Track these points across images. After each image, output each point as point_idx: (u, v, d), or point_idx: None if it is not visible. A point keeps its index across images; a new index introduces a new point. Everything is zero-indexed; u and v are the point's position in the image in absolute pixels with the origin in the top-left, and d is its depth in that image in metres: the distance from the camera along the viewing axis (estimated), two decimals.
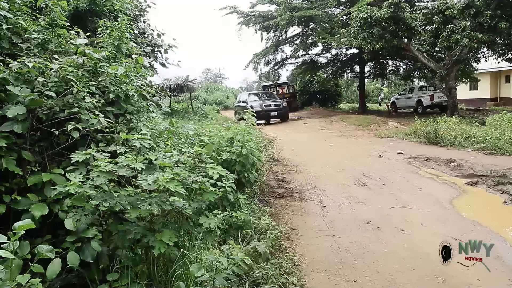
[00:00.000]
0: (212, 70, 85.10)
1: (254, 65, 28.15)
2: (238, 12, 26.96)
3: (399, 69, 27.16)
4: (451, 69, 17.53)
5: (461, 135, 10.98)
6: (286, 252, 3.99)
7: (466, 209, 5.62)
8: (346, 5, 25.62)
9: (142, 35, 9.51)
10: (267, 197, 6.02)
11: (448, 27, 15.68)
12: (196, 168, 3.58)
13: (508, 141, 9.50)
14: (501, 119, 10.86)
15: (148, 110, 4.59)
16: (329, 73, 31.09)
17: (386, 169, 8.24)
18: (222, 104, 40.30)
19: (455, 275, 3.61)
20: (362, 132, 15.49)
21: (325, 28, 23.33)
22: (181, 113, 20.94)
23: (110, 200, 2.64)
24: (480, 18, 14.89)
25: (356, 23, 17.14)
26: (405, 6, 16.40)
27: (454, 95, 18.13)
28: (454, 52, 16.93)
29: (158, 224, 2.82)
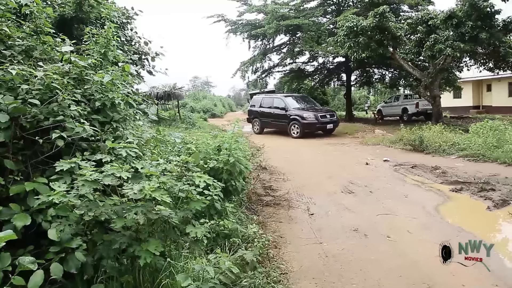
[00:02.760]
0: (199, 78, 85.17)
1: (241, 73, 28.23)
2: (226, 21, 27.07)
3: (385, 78, 27.56)
4: (435, 77, 17.87)
5: (446, 142, 11.18)
6: (273, 260, 3.98)
7: (451, 216, 5.70)
8: (332, 14, 25.98)
9: (129, 43, 9.46)
10: (255, 205, 6.00)
11: (432, 37, 16.02)
12: (183, 177, 3.55)
13: (491, 148, 9.71)
14: (483, 126, 11.09)
15: (134, 118, 4.56)
16: (316, 81, 31.33)
17: (372, 176, 8.32)
18: (209, 112, 40.16)
19: (442, 281, 3.65)
20: (349, 140, 15.63)
21: (312, 36, 23.57)
22: (168, 121, 20.76)
23: (95, 209, 2.60)
24: (462, 28, 15.28)
25: (343, 32, 17.39)
26: (390, 16, 16.72)
27: (439, 103, 18.47)
28: (438, 61, 17.29)
29: (144, 233, 2.78)
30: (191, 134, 12.22)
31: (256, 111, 19.93)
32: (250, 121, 20.54)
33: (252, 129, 19.85)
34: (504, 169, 8.35)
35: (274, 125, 18.77)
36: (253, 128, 19.99)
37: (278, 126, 18.47)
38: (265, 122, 19.22)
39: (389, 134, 15.46)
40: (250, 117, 20.60)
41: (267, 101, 19.64)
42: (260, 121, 19.48)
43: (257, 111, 19.85)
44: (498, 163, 8.96)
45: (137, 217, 2.52)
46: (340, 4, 26.41)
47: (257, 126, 19.76)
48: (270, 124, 19.05)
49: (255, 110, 20.10)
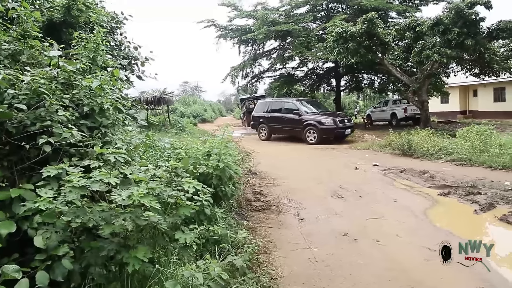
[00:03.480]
0: (189, 83, 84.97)
1: (231, 78, 28.30)
2: (216, 26, 27.15)
3: (374, 83, 27.85)
4: (423, 83, 18.13)
5: (434, 147, 11.31)
6: (263, 266, 3.97)
7: (439, 219, 5.76)
8: (322, 20, 26.21)
9: (119, 48, 9.39)
10: (245, 210, 5.99)
11: (419, 43, 16.27)
12: (172, 182, 3.53)
13: (477, 152, 9.86)
14: (470, 131, 11.26)
15: (123, 123, 4.53)
16: (306, 87, 31.53)
17: (362, 181, 8.37)
18: (199, 117, 40.11)
19: (430, 285, 3.68)
20: (338, 145, 15.72)
21: (302, 42, 23.74)
22: (158, 126, 20.65)
23: (82, 216, 2.57)
24: (449, 35, 15.55)
25: (332, 38, 17.55)
26: (378, 22, 16.93)
27: (427, 108, 18.73)
28: (425, 66, 17.54)
29: (132, 240, 2.75)
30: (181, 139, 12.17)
31: (262, 117, 18.69)
32: (254, 127, 19.44)
33: (258, 136, 18.89)
34: (490, 173, 8.48)
35: (285, 130, 17.83)
36: (259, 134, 18.89)
37: (290, 132, 17.53)
38: (274, 128, 18.20)
39: (378, 138, 15.61)
40: (255, 123, 19.30)
41: (275, 106, 18.60)
42: (268, 127, 18.38)
43: (264, 116, 18.62)
44: (484, 167, 9.09)
45: (126, 224, 2.50)
46: (329, 10, 26.68)
47: (264, 132, 18.66)
48: (280, 130, 18.07)
49: (261, 116, 18.82)
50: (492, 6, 15.62)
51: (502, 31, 16.54)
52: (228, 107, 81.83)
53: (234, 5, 26.83)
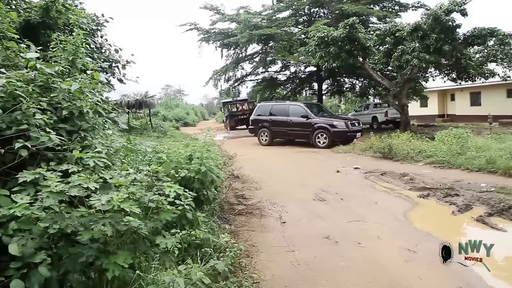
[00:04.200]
0: (172, 86, 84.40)
1: (214, 81, 28.30)
2: (199, 29, 27.11)
3: (355, 87, 28.29)
4: (403, 87, 18.49)
5: (413, 150, 11.51)
6: (246, 269, 3.96)
7: (419, 221, 5.87)
8: (304, 24, 26.48)
9: (99, 50, 9.27)
10: (227, 214, 5.97)
11: (399, 48, 16.61)
12: (153, 187, 3.50)
13: (455, 155, 10.09)
14: (448, 134, 11.53)
15: (104, 127, 4.47)
16: (288, 90, 31.76)
17: (344, 184, 8.46)
18: (182, 121, 39.86)
19: (410, 285, 3.73)
20: (321, 148, 15.84)
21: (284, 46, 23.95)
22: (140, 129, 20.40)
23: (60, 221, 2.51)
24: (427, 40, 15.93)
25: (314, 42, 17.73)
26: (359, 27, 17.20)
27: (406, 111, 19.11)
28: (405, 71, 17.91)
29: (112, 245, 2.71)
30: (163, 143, 12.07)
31: (264, 120, 17.90)
32: (253, 131, 18.70)
33: (259, 140, 18.16)
34: (467, 175, 8.69)
35: (291, 134, 17.15)
36: (260, 139, 18.12)
37: (296, 135, 16.96)
38: (278, 131, 17.48)
39: (359, 142, 15.79)
40: (254, 127, 18.46)
41: (279, 109, 17.87)
42: (271, 131, 17.60)
43: (265, 120, 17.82)
44: (461, 169, 9.31)
45: (105, 229, 2.46)
46: (311, 15, 26.99)
47: (266, 137, 17.88)
48: (285, 133, 17.34)
49: (262, 119, 18.03)
50: (467, 14, 16.09)
51: (477, 38, 17.07)
52: (210, 110, 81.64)
53: (216, 8, 26.86)
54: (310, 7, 26.35)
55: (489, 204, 6.17)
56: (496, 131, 15.30)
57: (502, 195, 6.74)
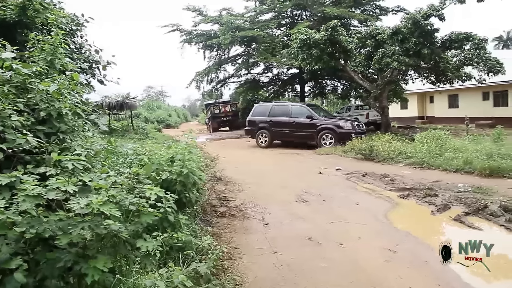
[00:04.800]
0: (154, 88, 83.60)
1: (196, 83, 28.16)
2: (181, 30, 26.96)
3: (337, 89, 28.60)
4: (383, 89, 18.78)
5: (394, 151, 11.69)
6: (228, 272, 3.95)
7: (399, 221, 5.97)
8: (286, 27, 26.66)
9: (79, 51, 9.10)
10: (209, 216, 5.95)
11: (380, 51, 16.87)
12: (134, 189, 3.46)
13: (434, 156, 10.31)
14: (427, 136, 11.77)
15: (83, 129, 4.39)
16: (271, 92, 31.90)
17: (325, 185, 8.53)
18: (164, 122, 39.51)
19: (390, 285, 3.79)
20: (303, 150, 15.93)
21: (266, 48, 24.04)
22: (121, 131, 20.10)
23: (37, 226, 2.45)
24: (407, 44, 16.23)
25: (296, 44, 17.84)
26: (341, 30, 17.39)
27: (387, 113, 19.41)
28: (385, 74, 18.20)
29: (92, 249, 2.66)
30: (144, 145, 11.93)
31: (263, 121, 17.37)
32: (250, 133, 18.08)
33: (257, 143, 17.59)
34: (445, 176, 8.89)
35: (294, 135, 16.68)
36: (258, 141, 17.54)
37: (299, 137, 16.51)
38: (279, 133, 17.03)
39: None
40: (252, 128, 17.80)
41: (280, 110, 17.42)
42: (271, 132, 17.12)
43: (265, 120, 17.30)
44: (440, 170, 9.51)
45: (84, 233, 2.41)
46: (294, 17, 27.18)
47: (265, 139, 17.34)
48: (287, 135, 16.86)
49: (260, 120, 17.49)
50: (444, 18, 16.50)
51: (454, 42, 17.50)
52: (193, 112, 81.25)
53: (199, 10, 26.78)
54: (293, 10, 26.55)
55: (466, 204, 6.33)
56: (472, 133, 15.70)
57: (478, 194, 6.93)
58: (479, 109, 24.92)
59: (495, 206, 6.02)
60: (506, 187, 7.42)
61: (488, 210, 5.91)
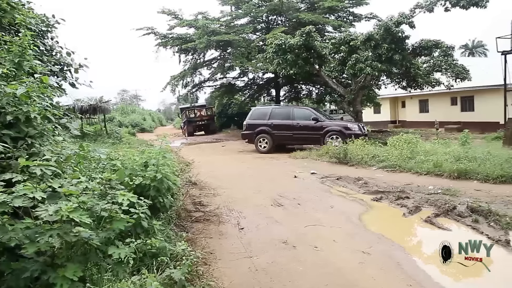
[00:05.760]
0: (128, 91, 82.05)
1: (171, 87, 27.79)
2: (156, 34, 26.61)
3: (312, 94, 28.88)
4: (357, 94, 19.15)
5: (367, 154, 11.90)
6: (203, 277, 3.90)
7: (373, 224, 6.07)
8: (262, 31, 26.77)
9: (49, 53, 8.83)
10: (184, 221, 5.88)
11: (353, 57, 17.20)
12: (107, 195, 3.38)
13: (405, 159, 10.57)
14: (399, 140, 12.06)
15: (54, 133, 4.26)
16: (247, 96, 31.93)
17: (301, 189, 8.59)
18: (138, 127, 38.87)
19: (364, 286, 3.85)
20: (278, 154, 16.01)
21: (242, 52, 24.04)
22: (94, 136, 19.63)
23: (2, 234, 2.36)
24: (379, 50, 16.62)
25: (272, 49, 17.95)
26: (315, 35, 17.63)
27: (361, 118, 19.77)
28: (359, 79, 18.56)
29: (61, 258, 2.58)
30: (118, 149, 11.69)
31: (263, 125, 16.71)
32: (248, 137, 17.39)
33: (256, 148, 16.86)
34: (416, 178, 9.13)
35: (298, 138, 16.23)
36: (258, 146, 16.78)
37: (305, 139, 16.07)
38: (282, 136, 16.40)
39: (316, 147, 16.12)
40: (251, 132, 17.08)
41: (281, 113, 17.01)
42: (272, 135, 16.50)
43: (265, 124, 16.66)
44: (411, 173, 9.77)
45: (53, 241, 2.33)
46: (269, 22, 27.35)
47: (265, 143, 16.66)
48: (291, 138, 16.31)
49: (260, 123, 16.80)
50: (415, 26, 17.05)
51: (424, 49, 18.09)
52: (168, 116, 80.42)
53: (174, 13, 26.51)
54: (268, 15, 26.71)
55: (436, 206, 6.52)
56: (442, 136, 16.25)
57: (447, 196, 7.15)
58: (448, 113, 25.79)
59: (463, 207, 6.23)
60: (472, 188, 7.70)
61: (456, 211, 6.11)
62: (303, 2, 26.18)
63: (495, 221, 5.51)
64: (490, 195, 7.11)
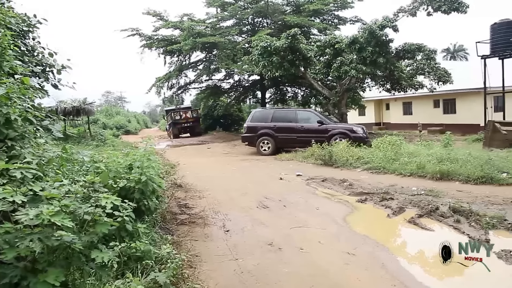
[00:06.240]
0: (112, 93, 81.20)
1: (157, 89, 27.56)
2: (141, 35, 26.41)
3: (298, 96, 29.05)
4: (342, 96, 19.36)
5: (352, 156, 12.00)
6: (188, 280, 3.87)
7: (358, 225, 6.12)
8: (248, 34, 26.83)
9: (31, 53, 8.66)
10: (169, 224, 5.82)
11: (338, 59, 17.40)
12: (90, 198, 3.33)
13: (390, 161, 10.69)
14: (383, 142, 12.20)
15: (35, 135, 4.18)
16: (232, 98, 31.93)
17: (286, 190, 8.61)
18: (123, 129, 38.43)
19: (349, 287, 3.88)
20: (264, 156, 16.04)
21: (228, 54, 24.03)
22: (77, 138, 19.29)
23: None
24: (363, 53, 16.85)
25: (257, 51, 18.01)
26: (301, 38, 17.77)
27: (346, 120, 19.98)
28: (344, 81, 18.77)
29: (42, 263, 2.52)
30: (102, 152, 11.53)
31: (265, 127, 16.44)
32: (248, 139, 17.10)
33: (258, 150, 16.55)
34: (400, 180, 9.24)
35: (302, 141, 15.45)
36: (260, 149, 16.48)
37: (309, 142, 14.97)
38: (285, 139, 16.07)
39: (301, 149, 16.18)
40: (252, 134, 16.79)
41: (284, 115, 16.75)
42: (275, 138, 16.24)
43: (267, 126, 16.39)
44: (395, 174, 9.88)
45: (33, 245, 2.28)
46: (255, 24, 27.42)
47: (268, 146, 16.39)
48: (294, 140, 15.80)
49: (262, 126, 16.51)
50: (398, 30, 17.38)
51: (407, 52, 18.43)
52: (153, 118, 79.81)
53: (159, 14, 26.36)
54: (254, 17, 26.79)
55: (420, 206, 6.61)
56: (425, 138, 16.53)
57: (430, 197, 7.27)
58: (431, 116, 26.27)
59: (445, 208, 6.34)
60: (455, 189, 7.85)
61: (439, 212, 6.22)
62: (289, 5, 26.34)
63: (476, 221, 5.63)
64: (471, 196, 7.26)
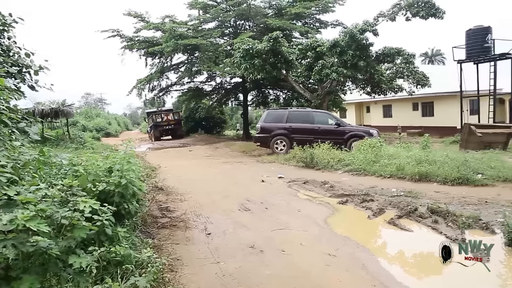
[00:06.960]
0: (92, 95, 79.65)
1: (138, 91, 27.22)
2: (122, 36, 26.05)
3: (280, 98, 29.21)
4: (323, 99, 19.55)
5: (333, 159, 12.14)
6: (169, 284, 3.84)
7: (339, 226, 6.19)
8: (230, 36, 26.80)
9: (6, 53, 8.44)
10: (150, 228, 5.76)
11: (320, 62, 17.58)
12: (68, 202, 3.26)
13: (370, 163, 10.86)
14: (364, 144, 12.38)
15: (10, 138, 4.07)
16: (214, 101, 31.85)
17: (268, 193, 8.63)
18: (103, 131, 37.77)
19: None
20: (246, 158, 16.05)
21: (209, 57, 23.93)
22: (56, 140, 18.83)
23: None
24: (344, 56, 17.08)
25: (239, 54, 18.02)
26: (282, 41, 17.86)
27: None
28: (325, 84, 18.97)
29: (16, 269, 2.45)
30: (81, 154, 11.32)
31: (279, 128, 16.35)
32: (262, 140, 16.88)
33: (272, 150, 16.39)
34: (380, 181, 9.40)
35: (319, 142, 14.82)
36: (274, 148, 16.38)
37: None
38: (300, 140, 15.44)
39: (283, 152, 16.26)
40: (266, 135, 16.62)
41: (299, 116, 16.54)
42: (290, 139, 15.98)
43: (282, 127, 16.31)
44: (376, 176, 10.04)
45: (7, 252, 2.22)
46: (237, 27, 27.43)
47: (283, 146, 16.24)
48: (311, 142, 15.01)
49: (277, 127, 16.41)
50: (378, 34, 17.69)
51: (387, 56, 18.77)
52: (134, 120, 78.88)
53: (141, 16, 26.06)
54: (236, 20, 26.79)
55: (399, 207, 6.74)
56: (404, 140, 16.85)
57: (409, 198, 7.42)
58: (410, 118, 26.81)
59: (424, 209, 6.48)
60: (433, 190, 8.03)
61: (418, 213, 6.35)
62: (271, 8, 26.45)
63: (453, 221, 5.77)
64: (448, 197, 7.44)
